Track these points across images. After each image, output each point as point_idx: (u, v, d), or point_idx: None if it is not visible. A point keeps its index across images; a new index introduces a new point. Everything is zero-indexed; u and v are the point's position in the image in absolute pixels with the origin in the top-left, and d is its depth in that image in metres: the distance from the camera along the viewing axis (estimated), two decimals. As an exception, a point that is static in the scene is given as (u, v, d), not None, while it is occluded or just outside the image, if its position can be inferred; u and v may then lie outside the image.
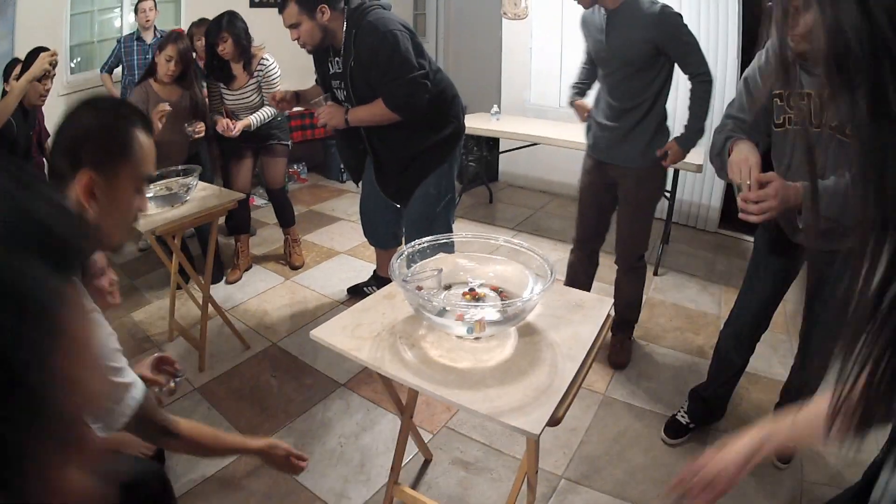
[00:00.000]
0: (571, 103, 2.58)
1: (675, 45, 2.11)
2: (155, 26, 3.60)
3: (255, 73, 3.23)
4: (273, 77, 3.24)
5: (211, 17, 3.71)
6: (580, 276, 2.65)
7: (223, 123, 3.18)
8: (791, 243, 1.77)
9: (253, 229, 4.25)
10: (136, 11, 3.55)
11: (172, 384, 1.47)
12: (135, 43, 3.58)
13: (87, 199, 0.96)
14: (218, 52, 3.11)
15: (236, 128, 3.18)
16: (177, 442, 1.13)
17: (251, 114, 3.28)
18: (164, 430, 1.10)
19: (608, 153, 2.36)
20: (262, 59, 3.22)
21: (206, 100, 3.29)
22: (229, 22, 3.07)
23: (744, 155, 1.43)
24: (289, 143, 3.55)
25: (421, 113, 2.34)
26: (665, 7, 2.11)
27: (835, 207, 1.44)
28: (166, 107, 2.93)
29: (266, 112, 3.28)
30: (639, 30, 2.10)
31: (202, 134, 3.10)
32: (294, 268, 3.62)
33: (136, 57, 3.57)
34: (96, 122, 0.99)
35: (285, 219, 3.65)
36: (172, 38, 3.05)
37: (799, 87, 1.54)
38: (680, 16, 2.12)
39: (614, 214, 2.53)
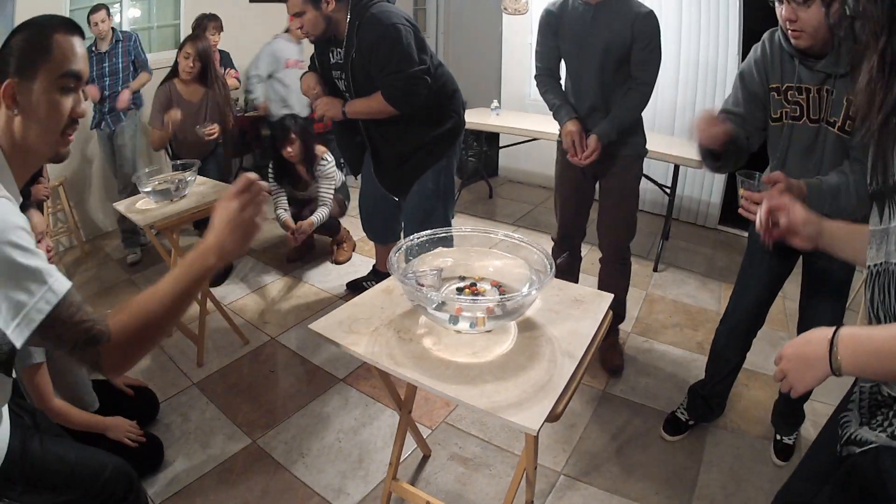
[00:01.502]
0: (566, 121, 2.32)
1: (643, 46, 2.11)
2: (113, 28, 3.48)
3: (316, 173, 3.34)
4: (329, 174, 3.34)
5: (210, 12, 3.71)
6: (565, 274, 2.62)
7: (291, 235, 3.26)
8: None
9: None
10: (88, 24, 3.37)
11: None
12: (93, 56, 3.44)
13: (12, 104, 0.96)
14: (284, 154, 3.18)
15: (301, 231, 3.23)
16: (106, 348, 0.89)
17: (311, 202, 3.44)
18: (88, 339, 0.88)
19: None
20: (322, 159, 3.30)
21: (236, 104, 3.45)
22: (295, 124, 3.15)
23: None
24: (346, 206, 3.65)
25: (418, 108, 2.33)
26: (653, 13, 2.12)
27: (834, 203, 1.43)
28: (176, 115, 3.06)
29: (323, 213, 3.32)
30: (624, 22, 2.09)
31: (214, 136, 3.14)
32: (338, 263, 3.63)
33: (94, 67, 3.43)
34: (18, 37, 0.99)
35: (327, 234, 3.64)
36: (191, 36, 3.14)
37: (797, 81, 1.53)
38: (660, 29, 2.14)
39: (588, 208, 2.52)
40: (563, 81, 2.40)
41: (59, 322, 0.86)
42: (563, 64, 2.36)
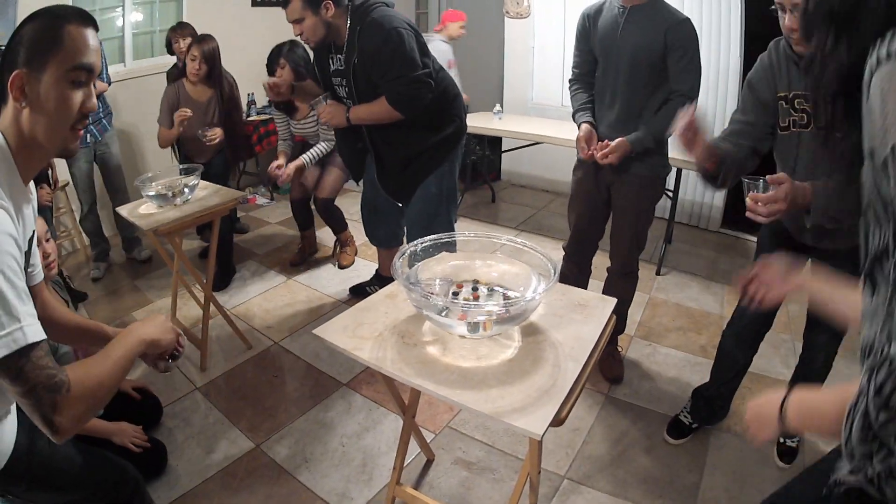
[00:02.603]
0: (580, 124, 2.29)
1: (680, 54, 2.04)
2: None
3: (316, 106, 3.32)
4: None
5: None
6: (572, 284, 2.56)
7: (273, 169, 3.35)
8: (795, 242, 1.76)
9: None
10: None
11: (162, 365, 1.36)
12: None
13: (20, 95, 0.94)
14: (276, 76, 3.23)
15: (285, 172, 3.29)
16: (65, 399, 0.89)
17: (316, 141, 3.45)
18: (50, 385, 0.88)
19: None
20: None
21: (240, 99, 3.40)
22: (289, 50, 3.22)
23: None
24: None
25: (423, 112, 2.33)
26: (690, 20, 2.06)
27: (841, 204, 1.43)
28: (186, 113, 3.10)
29: (321, 148, 3.38)
30: (657, 28, 2.03)
31: (215, 141, 3.15)
32: (342, 267, 3.63)
33: None
34: (29, 27, 0.96)
35: (333, 227, 3.66)
36: (197, 38, 3.19)
37: (804, 89, 1.54)
38: (698, 38, 2.08)
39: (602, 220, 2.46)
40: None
41: (23, 360, 0.86)
42: None
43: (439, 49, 4.30)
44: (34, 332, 0.88)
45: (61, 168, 3.50)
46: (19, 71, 0.93)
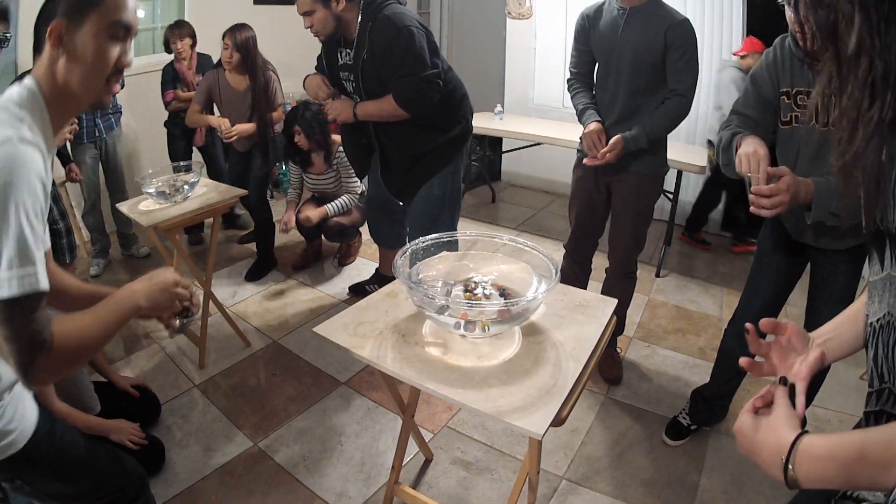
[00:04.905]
0: (589, 122, 2.24)
1: (679, 53, 2.04)
2: None
3: (334, 163, 3.35)
4: (349, 166, 3.23)
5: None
6: (573, 282, 2.58)
7: (297, 217, 3.34)
8: (795, 242, 1.77)
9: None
10: None
11: (177, 322, 1.33)
12: None
13: (57, 45, 0.96)
14: (295, 142, 3.25)
15: (307, 218, 3.26)
16: (44, 359, 0.89)
17: (331, 198, 3.44)
18: (33, 343, 0.87)
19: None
20: (340, 149, 3.26)
21: (277, 94, 3.32)
22: (301, 115, 3.18)
23: (753, 148, 1.43)
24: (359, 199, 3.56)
25: (430, 111, 2.33)
26: (689, 20, 2.06)
27: (842, 201, 1.43)
28: (233, 131, 3.12)
29: (344, 201, 3.36)
30: (657, 28, 2.04)
31: (233, 137, 3.12)
32: (342, 264, 3.65)
33: None
34: None
35: (347, 239, 3.67)
36: (230, 28, 3.16)
37: (807, 85, 1.54)
38: (696, 39, 2.08)
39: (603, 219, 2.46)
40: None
41: (19, 308, 0.86)
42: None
43: (732, 78, 3.48)
44: (44, 280, 0.88)
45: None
46: (59, 21, 0.95)
